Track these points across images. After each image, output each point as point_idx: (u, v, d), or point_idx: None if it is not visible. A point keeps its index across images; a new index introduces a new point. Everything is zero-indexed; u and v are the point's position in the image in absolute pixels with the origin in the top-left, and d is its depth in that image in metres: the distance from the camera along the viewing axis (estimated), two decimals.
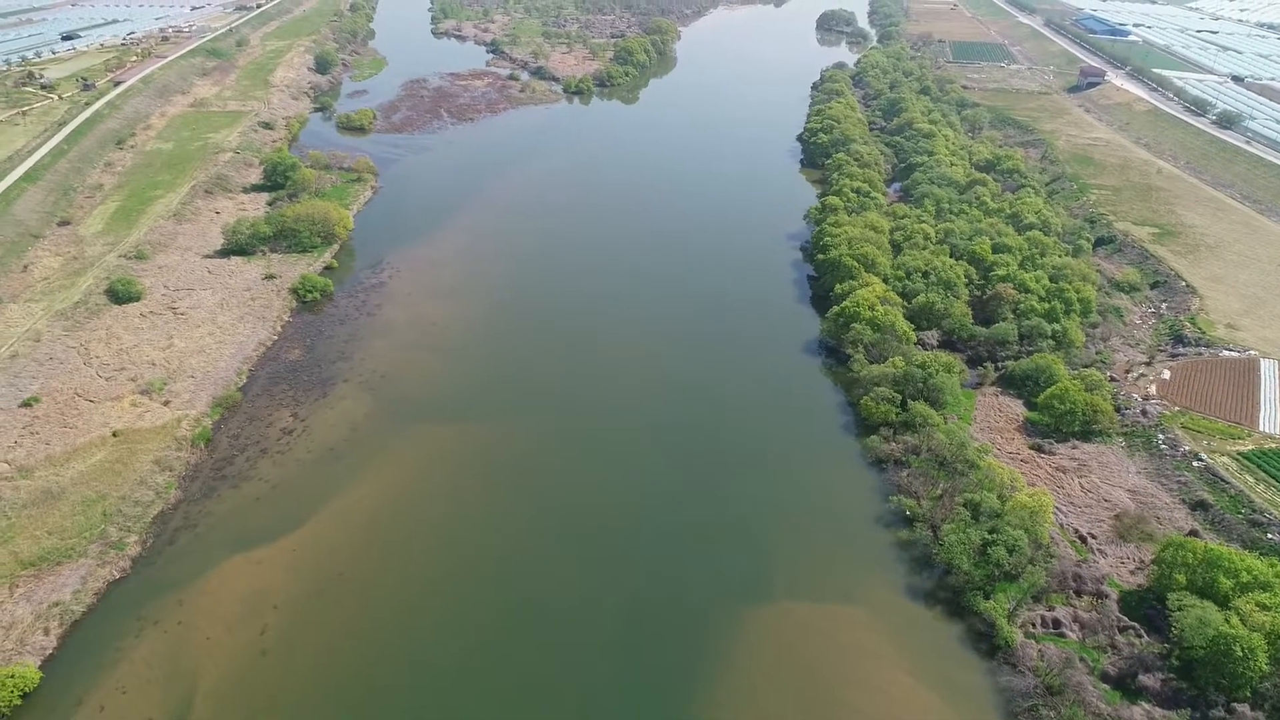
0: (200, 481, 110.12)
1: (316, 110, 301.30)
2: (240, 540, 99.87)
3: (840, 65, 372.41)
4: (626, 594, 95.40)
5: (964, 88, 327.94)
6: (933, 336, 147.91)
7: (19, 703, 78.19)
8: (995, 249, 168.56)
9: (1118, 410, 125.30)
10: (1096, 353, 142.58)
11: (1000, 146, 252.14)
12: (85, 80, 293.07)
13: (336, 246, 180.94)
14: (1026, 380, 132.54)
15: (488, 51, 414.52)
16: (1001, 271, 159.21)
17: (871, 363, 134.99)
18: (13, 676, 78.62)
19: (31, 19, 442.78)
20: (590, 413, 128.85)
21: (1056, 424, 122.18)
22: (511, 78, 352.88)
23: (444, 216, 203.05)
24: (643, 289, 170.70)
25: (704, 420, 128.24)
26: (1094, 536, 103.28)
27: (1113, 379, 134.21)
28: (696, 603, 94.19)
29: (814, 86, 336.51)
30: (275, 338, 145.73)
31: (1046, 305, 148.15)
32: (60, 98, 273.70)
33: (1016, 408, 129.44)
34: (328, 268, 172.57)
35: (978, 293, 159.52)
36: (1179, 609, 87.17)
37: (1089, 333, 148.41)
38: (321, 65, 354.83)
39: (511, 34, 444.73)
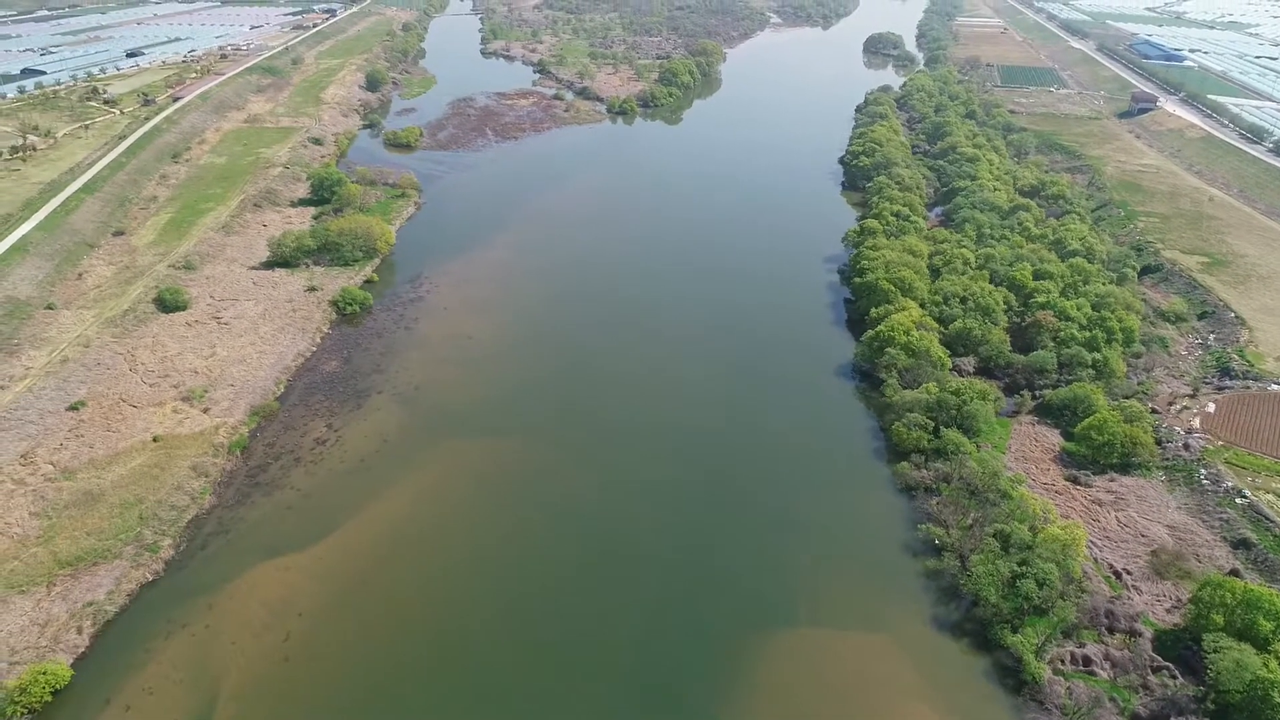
0: (234, 488, 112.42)
1: (365, 127, 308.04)
2: (270, 547, 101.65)
3: (885, 88, 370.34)
4: (646, 613, 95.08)
5: (1011, 112, 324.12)
6: (969, 363, 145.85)
7: (50, 699, 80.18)
8: (1036, 275, 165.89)
9: (1158, 443, 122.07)
10: (1138, 383, 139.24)
11: (1046, 172, 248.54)
12: (146, 96, 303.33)
13: (378, 260, 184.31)
14: (1064, 410, 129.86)
15: (535, 71, 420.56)
16: (1042, 298, 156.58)
17: (905, 388, 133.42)
18: (45, 673, 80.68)
19: (99, 36, 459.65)
20: (618, 430, 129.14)
21: (1094, 455, 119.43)
22: (556, 97, 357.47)
23: (484, 233, 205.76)
24: (677, 308, 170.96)
25: (733, 441, 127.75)
26: (1129, 572, 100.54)
27: (1154, 411, 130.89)
28: (717, 625, 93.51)
29: (858, 109, 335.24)
30: (314, 349, 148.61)
31: (1087, 334, 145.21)
32: (121, 112, 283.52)
33: (1053, 438, 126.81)
34: (368, 281, 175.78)
35: (1017, 319, 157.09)
36: (1215, 651, 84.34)
37: (1131, 363, 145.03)
38: (372, 83, 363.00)
39: (559, 54, 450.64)
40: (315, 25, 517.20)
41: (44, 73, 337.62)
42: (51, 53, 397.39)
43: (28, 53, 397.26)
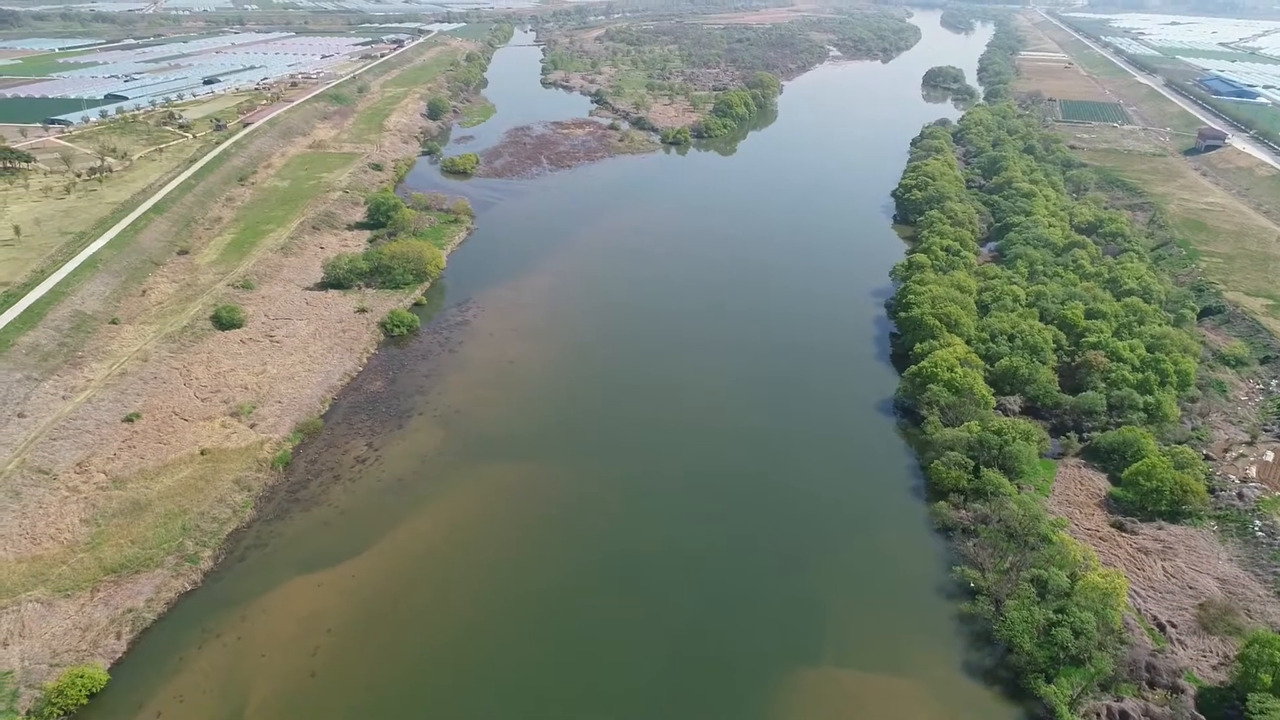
0: (275, 503, 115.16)
1: (424, 154, 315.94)
2: (304, 562, 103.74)
3: (942, 122, 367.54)
4: (671, 644, 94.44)
5: (1071, 147, 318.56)
6: (1015, 402, 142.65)
7: (85, 702, 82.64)
8: (1089, 314, 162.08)
9: (1211, 491, 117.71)
10: (1193, 429, 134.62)
11: (1105, 208, 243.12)
12: (218, 121, 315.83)
13: (428, 284, 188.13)
14: (1112, 453, 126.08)
15: (592, 101, 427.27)
16: (1093, 338, 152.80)
17: (947, 426, 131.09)
18: (82, 676, 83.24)
19: (179, 64, 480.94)
20: (655, 459, 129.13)
21: (1142, 502, 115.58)
22: (612, 127, 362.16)
23: (532, 259, 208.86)
24: (721, 337, 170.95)
25: (769, 473, 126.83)
26: (1174, 625, 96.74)
27: (1208, 458, 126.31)
28: (741, 660, 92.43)
29: (913, 143, 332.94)
30: (360, 369, 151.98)
31: (1140, 375, 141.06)
32: (194, 137, 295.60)
33: (1099, 482, 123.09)
34: (417, 304, 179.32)
35: (1067, 359, 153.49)
36: (1262, 712, 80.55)
37: (1186, 407, 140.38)
38: (433, 111, 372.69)
39: (616, 85, 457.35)
40: (383, 55, 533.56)
41: (126, 98, 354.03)
42: (134, 79, 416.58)
43: (112, 79, 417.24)
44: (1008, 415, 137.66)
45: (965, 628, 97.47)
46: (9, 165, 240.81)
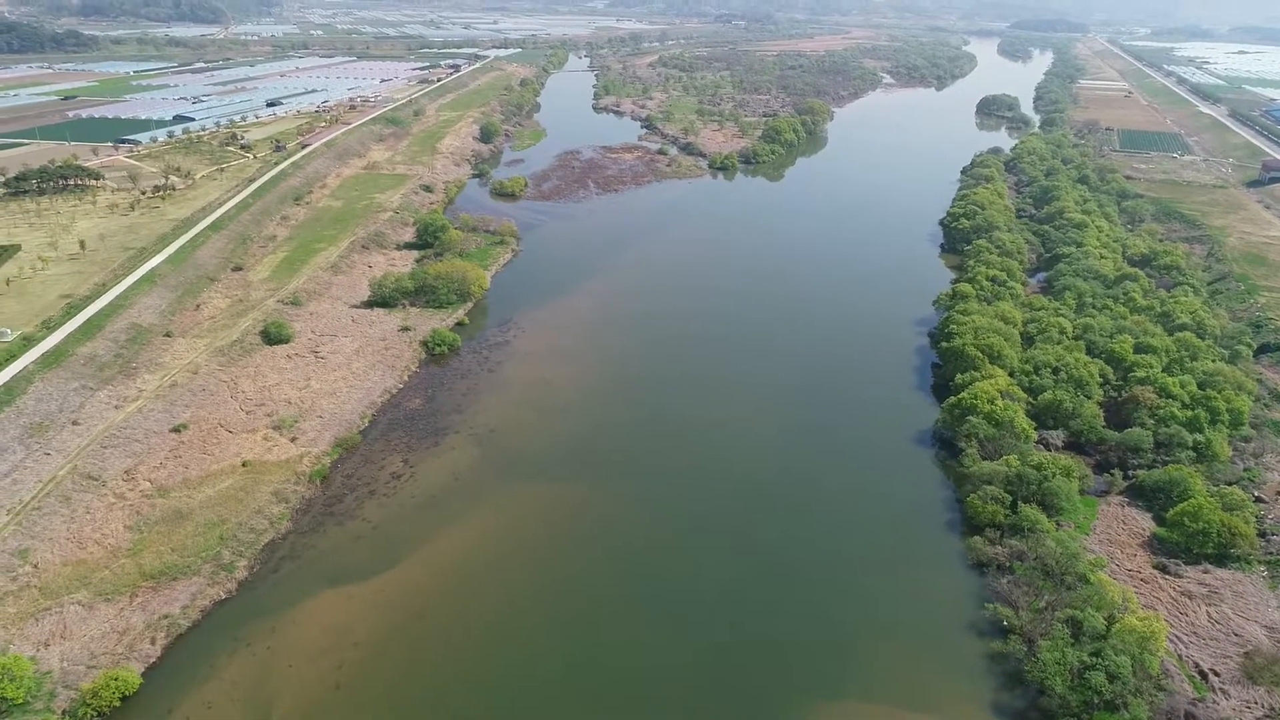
0: (311, 515, 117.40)
1: (475, 176, 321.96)
2: (335, 575, 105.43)
3: (995, 150, 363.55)
4: (694, 668, 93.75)
5: (1128, 178, 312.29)
6: (1058, 437, 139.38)
7: (118, 704, 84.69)
8: (1138, 349, 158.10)
9: (1261, 535, 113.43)
10: (1244, 469, 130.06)
11: (1160, 240, 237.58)
12: (278, 142, 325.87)
13: (471, 304, 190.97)
14: (1157, 492, 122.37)
15: (642, 126, 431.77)
16: (1141, 373, 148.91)
17: (985, 459, 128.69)
18: (116, 679, 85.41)
19: (245, 87, 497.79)
20: (686, 484, 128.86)
21: (1187, 543, 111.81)
22: (660, 152, 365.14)
23: (574, 281, 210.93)
24: (759, 363, 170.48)
25: (801, 500, 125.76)
26: (1217, 674, 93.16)
27: (1259, 500, 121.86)
28: (763, 687, 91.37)
29: (963, 171, 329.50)
30: (401, 386, 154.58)
31: (1189, 413, 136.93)
32: (254, 157, 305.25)
33: (1143, 521, 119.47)
34: (459, 324, 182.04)
35: (1114, 394, 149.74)
36: None
37: (1238, 447, 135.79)
38: (485, 135, 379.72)
39: (667, 111, 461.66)
40: (439, 80, 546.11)
41: (192, 119, 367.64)
42: (201, 101, 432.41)
43: (181, 100, 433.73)
44: (1050, 450, 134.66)
45: (996, 667, 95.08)
46: (79, 183, 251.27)
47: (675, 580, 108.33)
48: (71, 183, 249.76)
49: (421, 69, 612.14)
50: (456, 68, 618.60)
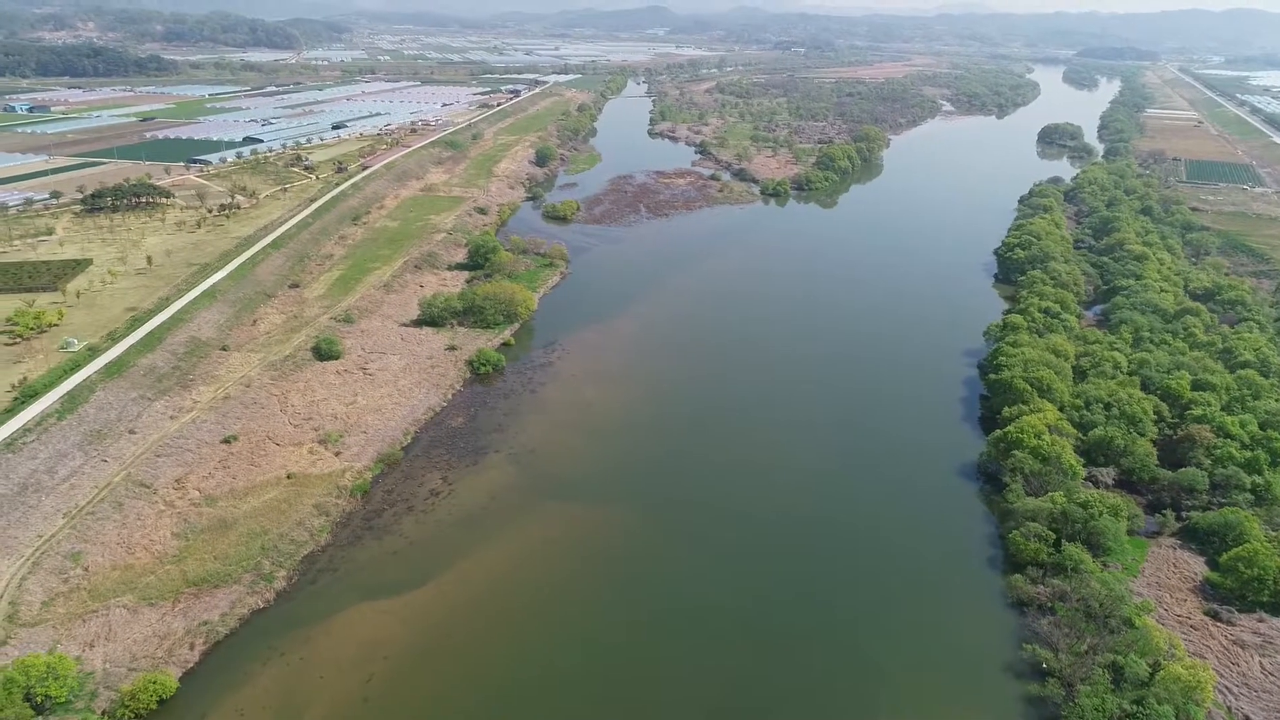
0: (350, 529, 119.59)
1: (528, 199, 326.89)
2: (370, 589, 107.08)
3: (1055, 180, 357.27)
4: (723, 695, 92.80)
5: (1194, 209, 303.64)
6: (1108, 474, 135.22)
7: (155, 707, 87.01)
8: (1196, 385, 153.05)
9: None
10: None
11: (1226, 274, 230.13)
12: (340, 163, 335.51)
13: (517, 325, 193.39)
14: (1212, 536, 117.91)
15: (696, 152, 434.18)
16: (1198, 411, 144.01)
17: (1030, 495, 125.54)
18: (155, 682, 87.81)
19: (312, 110, 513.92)
20: (722, 510, 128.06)
21: (1241, 590, 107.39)
22: (713, 178, 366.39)
23: (620, 304, 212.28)
24: (804, 391, 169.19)
25: (840, 530, 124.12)
26: None
27: None
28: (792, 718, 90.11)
29: (1021, 200, 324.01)
30: (444, 404, 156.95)
31: (1249, 454, 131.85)
32: (317, 177, 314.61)
33: (1196, 565, 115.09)
34: (505, 344, 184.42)
35: (1169, 432, 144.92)
36: None
37: None
38: (541, 159, 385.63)
39: (721, 137, 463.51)
40: (499, 104, 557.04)
41: (261, 140, 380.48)
42: (270, 123, 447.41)
43: (252, 123, 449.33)
44: (1099, 487, 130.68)
45: (1032, 711, 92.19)
46: (151, 200, 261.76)
47: (707, 607, 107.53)
48: (143, 200, 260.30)
49: (482, 94, 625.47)
50: (516, 93, 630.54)
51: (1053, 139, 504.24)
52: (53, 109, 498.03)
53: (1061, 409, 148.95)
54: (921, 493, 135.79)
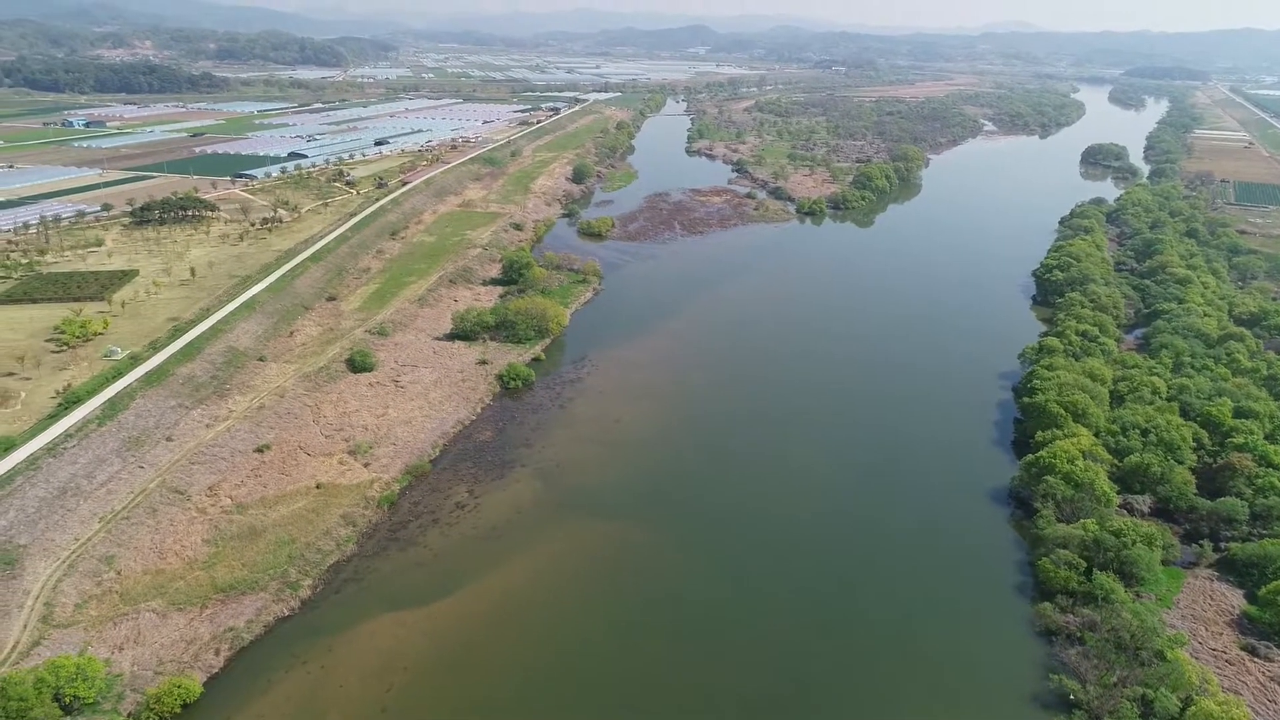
0: (376, 540, 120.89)
1: (564, 216, 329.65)
2: (393, 600, 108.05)
3: (1097, 201, 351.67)
4: (740, 717, 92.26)
5: (1241, 232, 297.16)
6: (1144, 502, 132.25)
7: (178, 711, 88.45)
8: (1238, 413, 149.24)
9: None
10: None
11: (1273, 299, 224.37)
12: (380, 179, 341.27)
13: (548, 341, 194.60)
14: (1251, 568, 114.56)
15: (732, 170, 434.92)
16: (1240, 439, 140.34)
17: (1061, 521, 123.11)
18: (179, 686, 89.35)
19: (356, 126, 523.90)
20: (747, 531, 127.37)
21: None
22: (749, 196, 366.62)
23: (652, 321, 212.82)
24: (833, 412, 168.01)
25: (865, 553, 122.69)
26: None
27: None
28: None
29: (1061, 221, 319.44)
30: (473, 418, 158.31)
31: None
32: (358, 193, 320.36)
33: (1234, 598, 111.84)
34: (536, 359, 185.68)
35: (1208, 460, 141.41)
36: None
37: None
38: (578, 176, 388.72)
39: (758, 155, 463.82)
40: (539, 122, 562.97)
41: (305, 156, 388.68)
42: (315, 139, 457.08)
43: (297, 139, 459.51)
44: (1134, 515, 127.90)
45: None
46: (196, 214, 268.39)
47: (728, 626, 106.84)
48: (189, 213, 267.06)
49: (522, 111, 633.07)
50: (556, 110, 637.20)
51: (1096, 159, 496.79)
52: (108, 124, 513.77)
53: (1097, 434, 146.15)
54: (951, 517, 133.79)
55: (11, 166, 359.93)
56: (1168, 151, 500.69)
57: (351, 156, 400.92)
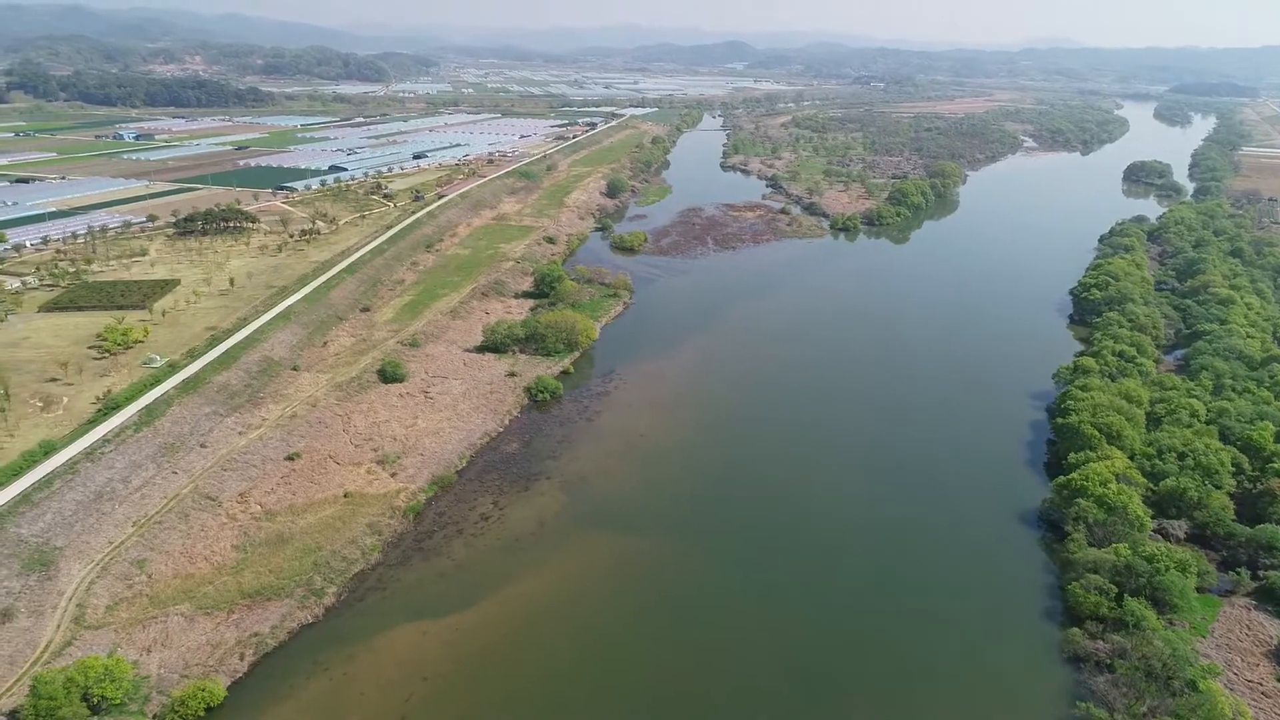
0: (400, 549, 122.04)
1: (598, 230, 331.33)
2: (415, 609, 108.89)
3: (1139, 219, 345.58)
4: None
5: None
6: (1180, 528, 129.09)
7: (202, 714, 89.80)
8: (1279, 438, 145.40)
9: None
10: None
11: None
12: (417, 192, 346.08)
13: (577, 354, 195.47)
14: None
15: (766, 185, 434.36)
16: None
17: (1092, 545, 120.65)
18: (204, 690, 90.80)
19: (396, 140, 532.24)
20: (770, 550, 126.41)
21: None
22: (782, 211, 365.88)
23: (680, 336, 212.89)
24: (861, 430, 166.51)
25: (890, 573, 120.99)
26: None
27: None
28: None
29: (1101, 239, 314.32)
30: (501, 430, 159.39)
31: None
32: (395, 205, 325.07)
33: (1272, 628, 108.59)
34: (564, 372, 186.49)
35: (1248, 485, 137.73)
36: None
37: None
38: (612, 190, 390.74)
39: (794, 170, 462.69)
40: (575, 136, 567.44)
41: (345, 169, 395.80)
42: (355, 153, 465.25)
43: (338, 152, 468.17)
44: (1170, 541, 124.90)
45: None
46: (237, 225, 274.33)
47: (749, 645, 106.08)
48: (230, 225, 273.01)
49: (559, 126, 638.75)
50: (593, 125, 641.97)
51: (1139, 177, 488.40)
52: (157, 137, 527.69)
53: (1132, 457, 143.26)
54: (979, 537, 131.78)
55: (64, 178, 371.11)
56: (1213, 169, 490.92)
57: (390, 170, 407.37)
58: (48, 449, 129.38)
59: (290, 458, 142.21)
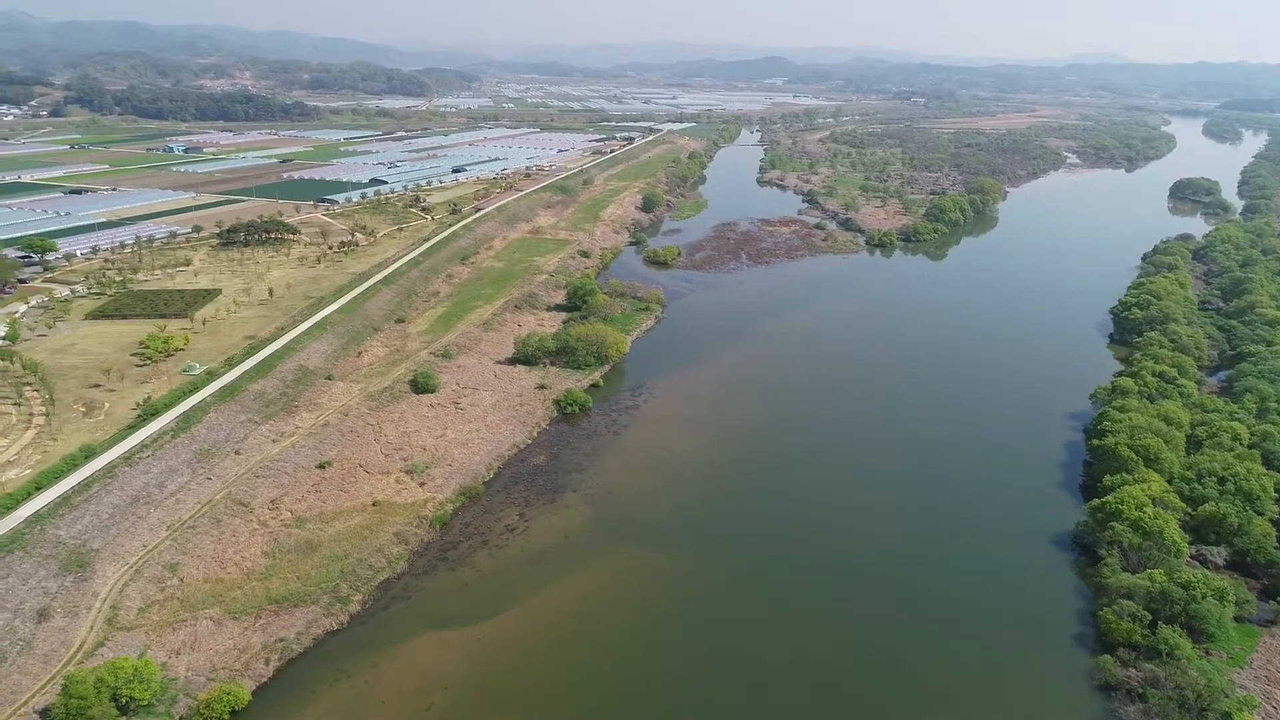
0: (426, 559, 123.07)
1: (632, 244, 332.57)
2: (438, 619, 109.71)
3: (1184, 237, 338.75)
4: None
5: None
6: (1219, 554, 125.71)
7: (227, 718, 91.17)
8: None
9: None
10: None
11: None
12: (455, 206, 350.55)
13: (607, 367, 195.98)
14: None
15: (803, 201, 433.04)
16: None
17: (1127, 570, 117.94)
18: (229, 693, 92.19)
19: (435, 154, 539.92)
20: (793, 568, 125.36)
21: None
22: (818, 226, 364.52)
23: (711, 350, 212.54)
24: (892, 449, 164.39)
25: (917, 594, 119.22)
26: None
27: None
28: None
29: (1144, 258, 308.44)
30: (529, 442, 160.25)
31: None
32: (432, 218, 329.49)
33: None
34: (594, 385, 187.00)
35: None
36: None
37: None
38: (647, 205, 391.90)
39: (830, 186, 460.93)
40: (612, 151, 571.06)
41: (385, 182, 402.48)
42: (396, 166, 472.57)
43: (379, 165, 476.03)
44: (1207, 567, 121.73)
45: None
46: (278, 236, 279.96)
47: (770, 664, 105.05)
48: (272, 236, 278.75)
49: (597, 140, 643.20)
50: (630, 140, 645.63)
51: (1185, 194, 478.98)
52: (204, 150, 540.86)
53: (1170, 480, 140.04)
54: (1010, 560, 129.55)
55: (115, 189, 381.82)
56: (1264, 186, 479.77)
57: (429, 183, 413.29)
58: (88, 453, 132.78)
59: (321, 466, 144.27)
